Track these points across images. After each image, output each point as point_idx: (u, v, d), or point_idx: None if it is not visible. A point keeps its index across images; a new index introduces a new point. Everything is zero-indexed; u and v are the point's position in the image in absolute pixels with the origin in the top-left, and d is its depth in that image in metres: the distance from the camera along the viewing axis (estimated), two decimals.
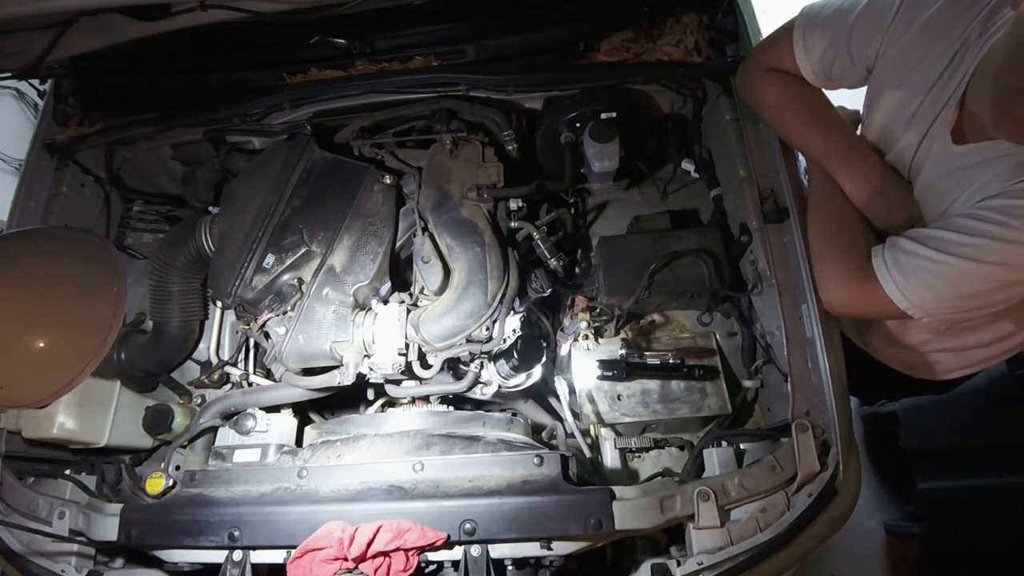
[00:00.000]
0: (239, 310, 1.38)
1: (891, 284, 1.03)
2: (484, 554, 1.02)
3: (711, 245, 1.40)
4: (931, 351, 1.32)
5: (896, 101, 1.07)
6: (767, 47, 1.25)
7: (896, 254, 1.04)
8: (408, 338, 1.25)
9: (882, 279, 1.04)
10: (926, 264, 0.99)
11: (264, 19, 1.24)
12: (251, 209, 1.39)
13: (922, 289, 1.01)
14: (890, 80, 1.07)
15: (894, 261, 1.03)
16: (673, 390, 1.36)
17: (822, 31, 1.12)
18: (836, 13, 1.09)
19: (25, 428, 1.29)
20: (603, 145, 1.43)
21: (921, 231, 1.03)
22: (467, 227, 1.35)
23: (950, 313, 1.03)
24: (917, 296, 1.01)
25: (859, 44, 1.07)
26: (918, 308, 1.03)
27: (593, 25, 1.49)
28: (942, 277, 0.98)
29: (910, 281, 1.01)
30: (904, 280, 1.02)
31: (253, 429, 1.28)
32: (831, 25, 1.10)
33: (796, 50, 1.16)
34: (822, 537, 1.05)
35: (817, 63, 1.15)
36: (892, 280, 1.03)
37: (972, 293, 0.99)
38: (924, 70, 1.00)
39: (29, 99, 2.89)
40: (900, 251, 1.04)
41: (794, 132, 1.23)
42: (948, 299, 1.01)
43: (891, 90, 1.07)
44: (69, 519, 1.15)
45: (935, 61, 0.99)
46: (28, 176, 1.55)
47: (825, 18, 1.12)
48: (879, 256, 1.06)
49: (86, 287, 1.16)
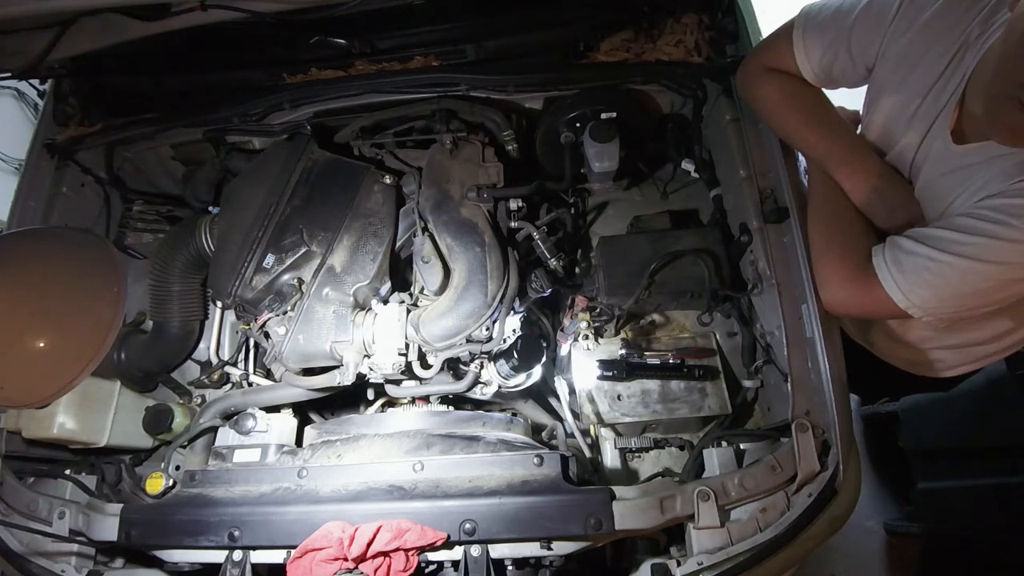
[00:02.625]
0: (239, 310, 1.38)
1: (891, 284, 1.03)
2: (484, 554, 1.02)
3: (711, 245, 1.40)
4: (932, 348, 1.32)
5: (896, 101, 1.07)
6: (767, 47, 1.25)
7: (896, 253, 1.04)
8: (408, 338, 1.25)
9: (882, 278, 1.04)
10: (926, 263, 0.99)
11: (264, 19, 1.24)
12: (251, 209, 1.39)
13: (922, 288, 1.01)
14: (890, 80, 1.07)
15: (894, 260, 1.04)
16: (673, 390, 1.36)
17: (822, 31, 1.12)
18: (836, 14, 1.10)
19: (25, 428, 1.29)
20: (603, 145, 1.43)
21: (921, 230, 1.03)
22: (467, 227, 1.35)
23: (950, 312, 1.03)
24: (917, 295, 1.02)
25: (859, 44, 1.08)
26: (918, 307, 1.03)
27: (593, 25, 1.49)
28: (942, 276, 0.98)
29: (910, 280, 1.01)
30: (904, 279, 1.02)
31: (253, 429, 1.28)
32: (831, 25, 1.10)
33: (796, 50, 1.16)
34: (822, 537, 1.05)
35: (817, 63, 1.15)
36: (892, 279, 1.03)
37: (972, 292, 1.00)
38: (924, 70, 1.00)
39: (29, 99, 2.89)
40: (900, 250, 1.04)
41: (794, 132, 1.23)
42: (948, 298, 1.01)
43: (891, 90, 1.08)
44: (69, 519, 1.15)
45: (935, 61, 0.99)
46: (28, 176, 1.55)
47: (825, 18, 1.12)
48: (879, 255, 1.06)
49: (86, 287, 1.16)
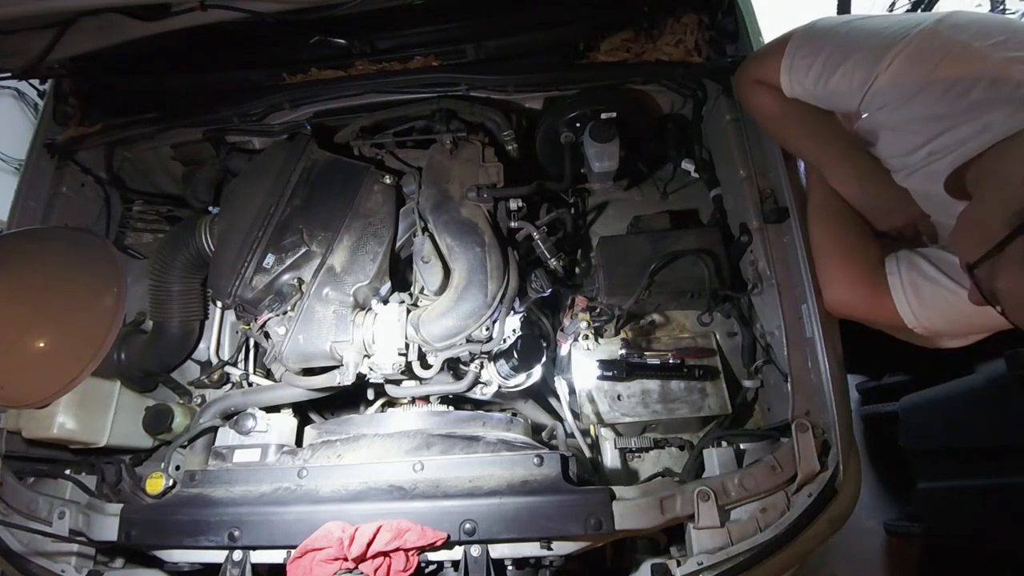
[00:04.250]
0: (239, 310, 1.38)
1: (905, 306, 1.05)
2: (484, 554, 1.02)
3: (711, 245, 1.40)
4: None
5: (889, 137, 1.05)
6: (758, 62, 1.22)
7: (915, 277, 1.04)
8: (408, 338, 1.25)
9: (896, 298, 1.05)
10: (945, 295, 1.00)
11: (264, 19, 1.24)
12: (251, 209, 1.39)
13: (935, 315, 1.03)
14: (882, 115, 1.03)
15: (912, 284, 1.04)
16: (673, 390, 1.36)
17: (807, 66, 1.08)
18: (828, 57, 1.04)
19: (25, 428, 1.29)
20: (603, 145, 1.43)
21: (941, 255, 1.03)
22: (467, 227, 1.35)
23: (952, 335, 1.05)
24: (928, 319, 1.04)
25: (839, 99, 1.05)
26: (925, 328, 1.05)
27: (593, 25, 1.49)
28: (957, 309, 1.00)
29: (926, 306, 1.03)
30: (920, 305, 1.04)
31: (253, 429, 1.28)
32: (819, 63, 1.06)
33: (782, 75, 1.13)
34: (822, 537, 1.05)
35: (794, 92, 1.13)
36: (907, 303, 1.05)
37: (983, 324, 1.02)
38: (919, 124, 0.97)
39: (29, 99, 2.89)
40: (919, 274, 1.04)
41: (788, 139, 1.24)
42: (958, 324, 1.03)
43: (882, 127, 1.05)
44: (69, 519, 1.15)
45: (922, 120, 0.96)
46: (28, 176, 1.55)
47: (813, 54, 1.07)
48: (896, 274, 1.07)
49: (86, 287, 1.16)
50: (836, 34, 1.05)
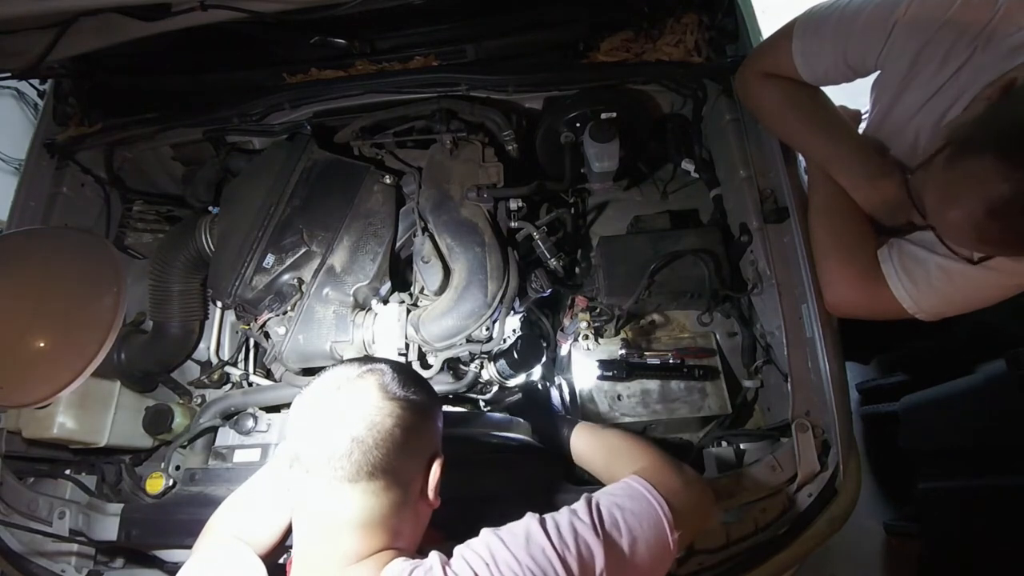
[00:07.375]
0: (239, 310, 1.38)
1: (902, 291, 1.06)
2: None
3: (711, 245, 1.40)
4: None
5: (897, 107, 1.07)
6: (764, 53, 1.24)
7: (906, 262, 1.06)
8: (408, 338, 1.25)
9: (893, 286, 1.07)
10: (936, 272, 1.01)
11: (264, 19, 1.24)
12: (251, 209, 1.39)
13: (933, 296, 1.04)
14: (889, 88, 1.06)
15: (905, 269, 1.06)
16: (673, 390, 1.36)
17: (820, 41, 1.10)
18: (836, 26, 1.07)
19: (25, 428, 1.29)
20: (603, 145, 1.42)
21: (931, 237, 1.03)
22: (467, 227, 1.35)
23: (954, 312, 1.06)
24: (927, 302, 1.05)
25: (857, 57, 1.07)
26: (927, 312, 1.06)
27: (593, 25, 1.49)
28: (952, 283, 1.01)
29: (921, 289, 1.04)
30: (915, 288, 1.05)
31: (253, 429, 1.28)
32: (829, 36, 1.08)
33: (795, 56, 1.14)
34: (822, 537, 1.05)
35: (813, 72, 1.14)
36: (903, 288, 1.06)
37: (980, 297, 1.02)
38: (928, 76, 0.99)
39: (29, 99, 2.89)
40: (910, 259, 1.06)
41: (795, 136, 1.23)
42: (956, 302, 1.04)
43: (891, 97, 1.07)
44: (69, 519, 1.15)
45: (938, 70, 0.97)
46: (28, 176, 1.55)
47: (824, 28, 1.09)
48: (888, 262, 1.08)
49: (86, 287, 1.16)
50: (839, 5, 1.08)
